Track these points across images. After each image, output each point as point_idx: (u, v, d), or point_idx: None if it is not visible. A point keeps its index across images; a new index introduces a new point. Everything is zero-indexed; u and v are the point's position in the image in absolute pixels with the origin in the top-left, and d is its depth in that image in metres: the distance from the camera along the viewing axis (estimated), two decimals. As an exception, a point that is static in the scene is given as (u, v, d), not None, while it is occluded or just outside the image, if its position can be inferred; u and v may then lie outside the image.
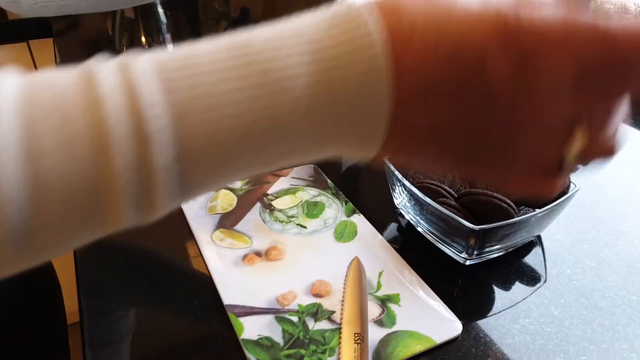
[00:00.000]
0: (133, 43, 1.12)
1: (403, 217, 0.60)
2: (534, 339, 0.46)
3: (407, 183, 0.54)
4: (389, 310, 0.47)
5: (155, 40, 1.13)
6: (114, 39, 1.14)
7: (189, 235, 0.55)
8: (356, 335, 0.44)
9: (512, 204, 0.51)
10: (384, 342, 0.44)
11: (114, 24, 1.19)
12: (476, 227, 0.48)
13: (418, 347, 0.44)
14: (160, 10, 1.17)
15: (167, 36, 1.17)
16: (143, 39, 1.15)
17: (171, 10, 1.21)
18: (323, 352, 0.43)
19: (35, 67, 1.45)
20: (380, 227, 0.58)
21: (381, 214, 0.61)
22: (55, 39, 1.09)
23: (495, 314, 0.49)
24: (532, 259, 0.56)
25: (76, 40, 1.13)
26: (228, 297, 0.48)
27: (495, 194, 0.51)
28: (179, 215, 0.58)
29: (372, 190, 0.67)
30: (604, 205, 0.63)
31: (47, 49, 1.23)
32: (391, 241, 0.56)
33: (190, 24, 1.28)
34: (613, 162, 0.25)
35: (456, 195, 0.55)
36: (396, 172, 0.56)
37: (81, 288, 0.49)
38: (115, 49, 1.07)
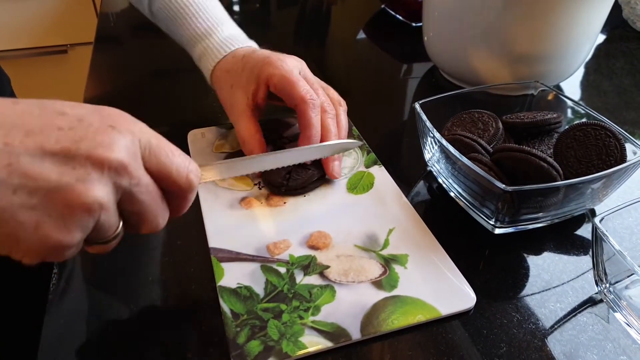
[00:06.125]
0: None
1: (436, 180, 0.53)
2: (563, 328, 0.38)
3: (436, 134, 0.47)
4: (392, 271, 0.41)
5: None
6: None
7: (191, 172, 0.51)
8: None
9: (556, 165, 0.43)
10: (379, 306, 0.38)
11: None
12: (507, 188, 0.40)
13: (418, 317, 0.38)
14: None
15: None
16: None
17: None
18: (306, 310, 0.38)
19: None
20: (407, 187, 0.51)
21: (410, 172, 0.54)
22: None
23: (522, 294, 0.41)
24: (582, 235, 0.47)
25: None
26: (215, 240, 0.43)
27: (535, 151, 0.43)
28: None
29: (405, 147, 0.60)
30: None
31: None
32: (417, 203, 0.49)
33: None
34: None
35: (491, 151, 0.46)
36: (427, 122, 0.48)
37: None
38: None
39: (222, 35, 0.54)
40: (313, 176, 0.49)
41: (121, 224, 0.31)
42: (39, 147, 0.25)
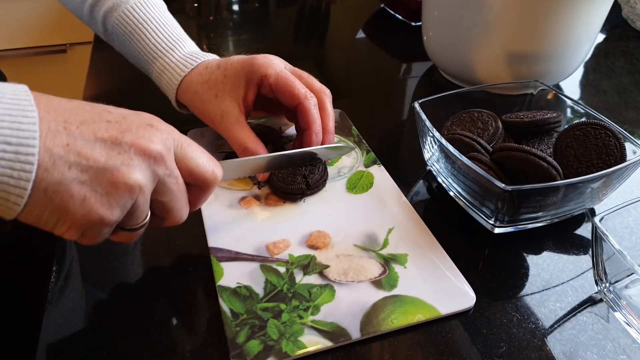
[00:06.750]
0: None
1: (435, 180, 0.53)
2: (563, 327, 0.38)
3: (436, 134, 0.47)
4: (391, 271, 0.41)
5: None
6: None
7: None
8: None
9: (555, 164, 0.43)
10: (378, 306, 0.38)
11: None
12: (506, 188, 0.40)
13: (418, 317, 0.38)
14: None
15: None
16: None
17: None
18: (305, 309, 0.38)
19: None
20: (407, 186, 0.51)
21: (409, 171, 0.54)
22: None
23: (522, 293, 0.41)
24: (581, 235, 0.47)
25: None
26: (214, 239, 0.43)
27: (535, 150, 0.42)
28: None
29: (404, 147, 0.60)
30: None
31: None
32: (417, 202, 0.49)
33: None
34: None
35: (491, 150, 0.46)
36: (426, 122, 0.48)
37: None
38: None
39: (184, 51, 0.52)
40: (324, 169, 0.50)
41: (149, 214, 0.34)
42: (92, 133, 0.30)
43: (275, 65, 0.48)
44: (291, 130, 0.57)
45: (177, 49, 0.52)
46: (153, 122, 0.33)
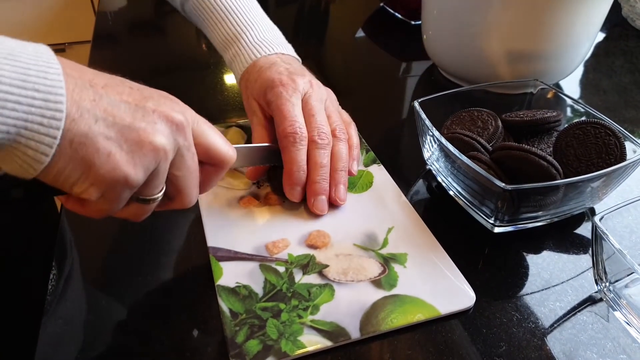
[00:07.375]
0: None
1: (435, 179, 0.53)
2: (563, 326, 0.38)
3: (436, 133, 0.47)
4: (391, 270, 0.41)
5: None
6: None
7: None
8: None
9: (555, 163, 0.42)
10: (378, 305, 0.38)
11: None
12: (506, 187, 0.40)
13: (418, 316, 0.38)
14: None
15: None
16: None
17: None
18: (305, 309, 0.38)
19: None
20: (406, 185, 0.51)
21: (409, 171, 0.54)
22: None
23: (522, 293, 0.41)
24: (581, 234, 0.47)
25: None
26: (213, 239, 0.43)
27: (535, 149, 0.42)
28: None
29: (404, 146, 0.59)
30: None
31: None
32: (416, 202, 0.49)
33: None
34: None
35: (491, 150, 0.46)
36: (426, 121, 0.48)
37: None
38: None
39: (249, 40, 0.52)
40: None
41: (164, 188, 0.34)
42: (117, 94, 0.30)
43: (283, 96, 0.46)
44: None
45: (242, 39, 0.52)
46: (171, 97, 0.34)
